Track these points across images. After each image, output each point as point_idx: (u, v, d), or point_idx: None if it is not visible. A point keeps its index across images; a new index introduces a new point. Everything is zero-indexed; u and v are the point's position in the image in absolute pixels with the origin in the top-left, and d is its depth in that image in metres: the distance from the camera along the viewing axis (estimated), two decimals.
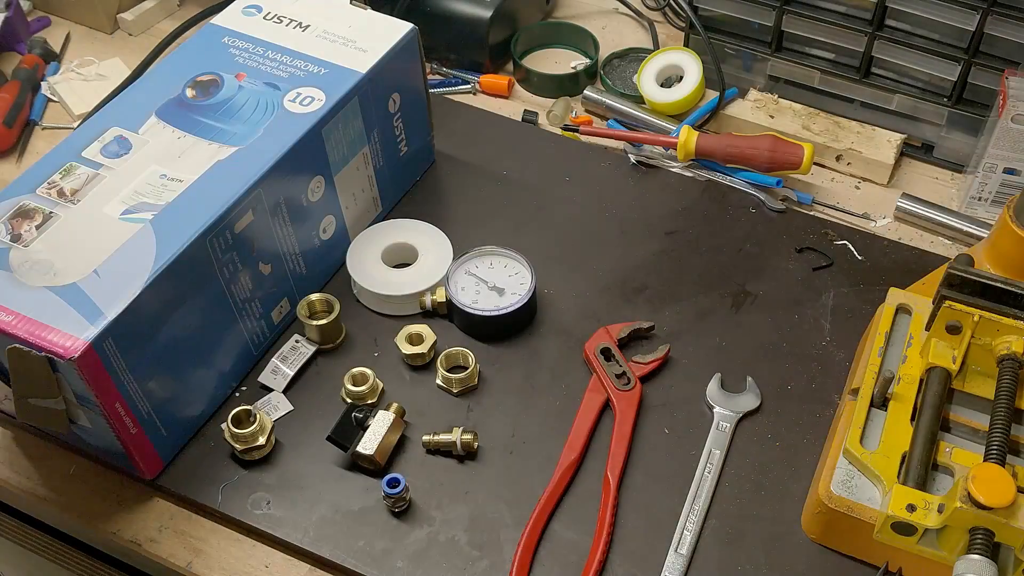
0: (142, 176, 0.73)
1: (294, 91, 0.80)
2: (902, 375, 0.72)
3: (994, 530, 0.59)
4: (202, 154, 0.75)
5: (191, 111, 0.78)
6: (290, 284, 0.81)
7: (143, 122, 0.78)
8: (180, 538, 0.72)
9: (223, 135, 0.76)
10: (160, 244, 0.69)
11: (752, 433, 0.77)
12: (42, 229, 0.70)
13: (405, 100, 0.88)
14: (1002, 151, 0.89)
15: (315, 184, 0.80)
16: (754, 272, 0.88)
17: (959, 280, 0.69)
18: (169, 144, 0.76)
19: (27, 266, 0.68)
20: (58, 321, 0.65)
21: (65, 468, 0.76)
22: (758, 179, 0.94)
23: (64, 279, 0.67)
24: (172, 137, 0.76)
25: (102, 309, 0.66)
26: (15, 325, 0.65)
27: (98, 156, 0.75)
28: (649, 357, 0.80)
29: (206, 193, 0.72)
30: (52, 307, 0.66)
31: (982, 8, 0.87)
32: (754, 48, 1.01)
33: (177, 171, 0.74)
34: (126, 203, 0.72)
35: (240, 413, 0.74)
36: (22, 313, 0.65)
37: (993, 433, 0.64)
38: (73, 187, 0.73)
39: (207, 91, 0.80)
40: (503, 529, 0.71)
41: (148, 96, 0.80)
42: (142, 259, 0.68)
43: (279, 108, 0.78)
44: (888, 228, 0.94)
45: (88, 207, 0.72)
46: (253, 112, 0.78)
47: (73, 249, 0.69)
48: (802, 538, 0.71)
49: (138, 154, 0.75)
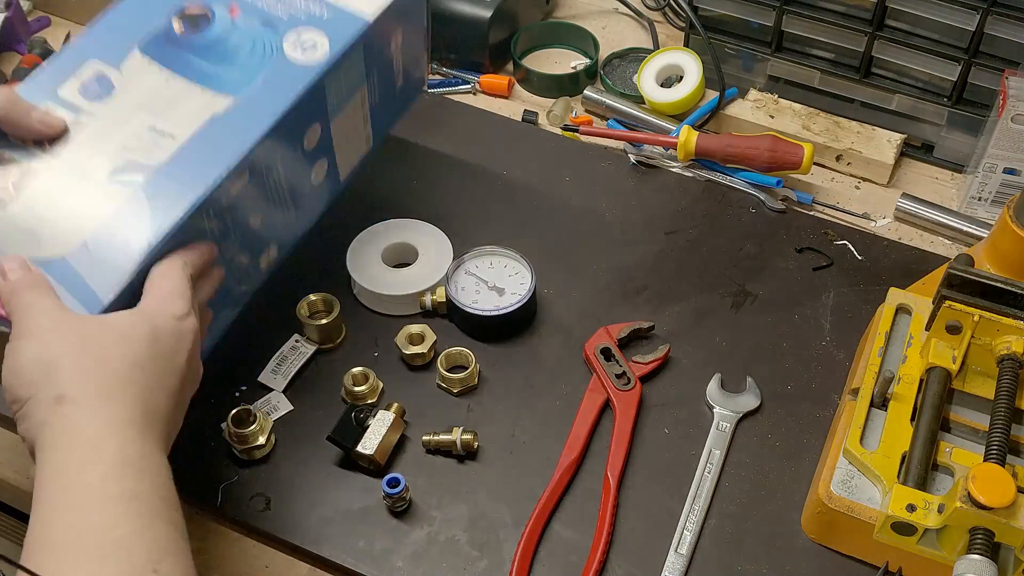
0: (129, 127, 0.65)
1: (294, 33, 0.71)
2: (902, 375, 0.72)
3: (994, 530, 0.59)
4: (195, 104, 0.67)
5: (180, 48, 0.70)
6: (278, 232, 0.75)
7: (125, 56, 0.68)
8: None
9: (217, 81, 0.68)
10: (154, 215, 0.62)
11: (752, 433, 0.77)
12: (19, 188, 0.62)
13: (407, 37, 0.81)
14: (1002, 151, 0.89)
15: (312, 133, 0.73)
16: (754, 272, 0.88)
17: (959, 280, 0.69)
18: (157, 87, 0.67)
19: (7, 233, 0.61)
20: None
21: None
22: (758, 179, 0.94)
23: (50, 251, 0.60)
24: (160, 79, 0.68)
25: (96, 291, 0.59)
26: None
27: (77, 97, 0.66)
28: (649, 357, 0.80)
29: (202, 156, 0.65)
30: None
31: (982, 8, 0.87)
32: (754, 48, 1.01)
33: (168, 124, 0.66)
34: (113, 161, 0.64)
35: (240, 413, 0.74)
36: None
37: (993, 433, 0.64)
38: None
39: (196, 26, 0.71)
40: (503, 529, 0.71)
41: (129, 25, 0.70)
42: (134, 232, 0.61)
43: (277, 52, 0.70)
44: (888, 228, 0.94)
45: (71, 161, 0.64)
46: (250, 55, 0.70)
47: (56, 213, 0.62)
48: (802, 538, 0.71)
49: (123, 98, 0.67)
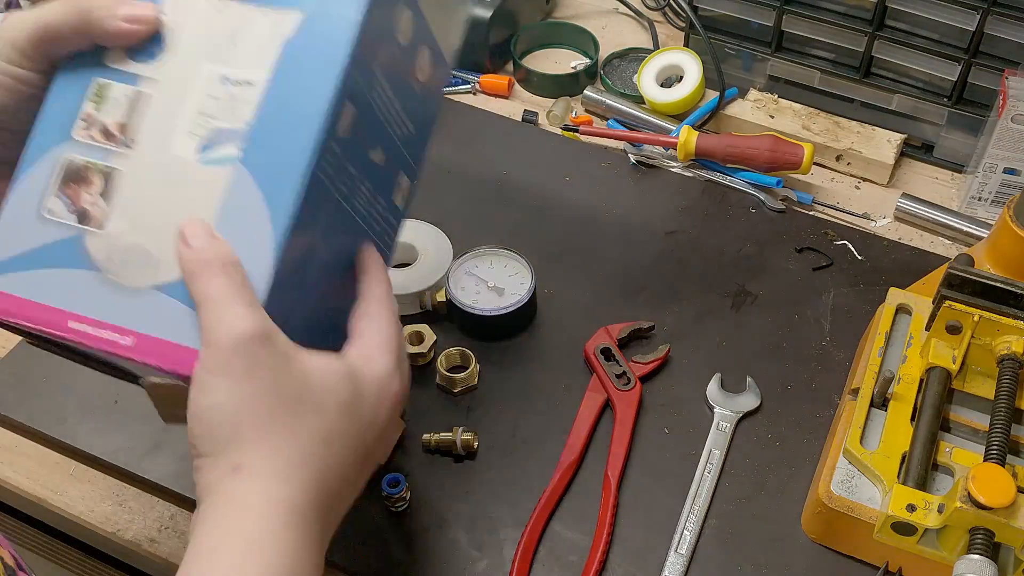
0: (199, 85, 0.53)
1: None
2: (902, 375, 0.72)
3: (994, 530, 0.59)
4: (259, 31, 0.53)
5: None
6: (403, 154, 0.62)
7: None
8: (180, 538, 0.72)
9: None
10: (267, 192, 0.50)
11: (752, 433, 0.77)
12: (109, 196, 0.52)
13: None
14: (1002, 151, 0.89)
15: (404, 22, 0.57)
16: (754, 272, 0.88)
17: (959, 280, 0.69)
18: (209, 22, 0.54)
19: (117, 258, 0.51)
20: (188, 336, 0.49)
21: (65, 468, 0.76)
22: (758, 179, 0.94)
23: (169, 270, 0.50)
24: (208, 9, 0.54)
25: None
26: (141, 349, 0.49)
27: (128, 63, 0.53)
28: (649, 357, 0.80)
29: (292, 97, 0.52)
30: (172, 316, 0.49)
31: (982, 8, 0.87)
32: (754, 48, 1.01)
33: (239, 68, 0.53)
34: (197, 135, 0.52)
35: None
36: (140, 331, 0.50)
37: (993, 433, 0.64)
38: (118, 120, 0.53)
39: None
40: (503, 529, 0.71)
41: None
42: (253, 222, 0.50)
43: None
44: (888, 228, 0.94)
45: (151, 150, 0.52)
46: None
47: (161, 222, 0.51)
48: (802, 538, 0.71)
49: (177, 48, 0.53)
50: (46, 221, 0.52)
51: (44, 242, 0.52)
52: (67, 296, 0.51)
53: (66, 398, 0.78)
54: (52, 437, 0.77)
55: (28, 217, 0.52)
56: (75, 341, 0.51)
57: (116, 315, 0.50)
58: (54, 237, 0.52)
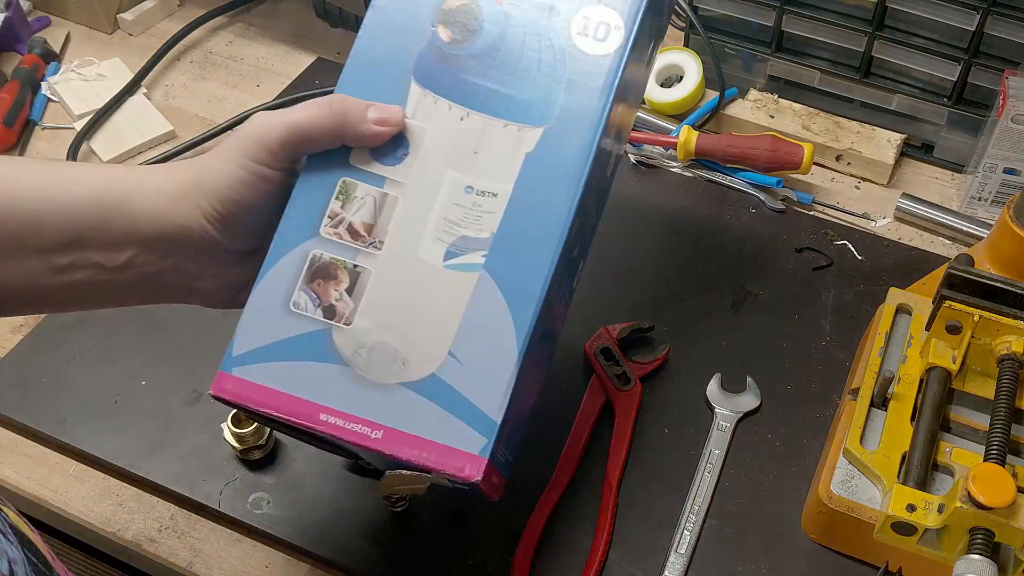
0: (443, 192, 0.55)
1: (579, 15, 0.57)
2: (902, 375, 0.72)
3: (994, 530, 0.59)
4: (501, 143, 0.55)
5: (458, 69, 0.56)
6: (589, 240, 0.64)
7: (403, 92, 0.56)
8: (180, 538, 0.72)
9: (515, 107, 0.56)
10: (510, 300, 0.54)
11: (752, 433, 0.77)
12: (356, 295, 0.54)
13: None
14: (1002, 151, 0.89)
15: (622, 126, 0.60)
16: (754, 272, 0.88)
17: (959, 280, 0.69)
18: (453, 131, 0.56)
19: (364, 354, 0.53)
20: (438, 432, 0.52)
21: (65, 468, 0.76)
22: (758, 179, 0.94)
23: (418, 369, 0.53)
24: (452, 118, 0.56)
25: (483, 409, 0.53)
26: (389, 444, 0.52)
27: (372, 164, 0.55)
28: (649, 357, 0.80)
29: (532, 210, 0.55)
30: (420, 412, 0.52)
31: (982, 8, 0.87)
32: (754, 48, 1.01)
33: (483, 178, 0.55)
34: (442, 240, 0.54)
35: (240, 413, 0.74)
36: (388, 425, 0.52)
37: (993, 433, 0.64)
38: (365, 220, 0.55)
39: (465, 27, 0.57)
40: (503, 529, 0.71)
41: (390, 38, 0.57)
42: (497, 327, 0.53)
43: (568, 47, 0.57)
44: (888, 228, 0.94)
45: (398, 252, 0.54)
46: (538, 60, 0.56)
47: (407, 322, 0.54)
48: (802, 538, 0.71)
49: (423, 154, 0.56)
50: (293, 314, 0.54)
51: (291, 334, 0.54)
52: (317, 389, 0.53)
53: (66, 398, 0.78)
54: (52, 437, 0.77)
55: (275, 309, 0.54)
56: (326, 433, 0.53)
57: (365, 409, 0.53)
58: (301, 330, 0.54)
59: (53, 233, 0.51)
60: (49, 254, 0.52)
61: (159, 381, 0.80)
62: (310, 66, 1.09)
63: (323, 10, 1.15)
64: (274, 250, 0.55)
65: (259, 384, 0.53)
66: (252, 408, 0.54)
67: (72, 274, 0.53)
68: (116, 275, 0.53)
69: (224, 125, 1.00)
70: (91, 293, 0.54)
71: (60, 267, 0.52)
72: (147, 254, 0.53)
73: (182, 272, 0.55)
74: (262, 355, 0.54)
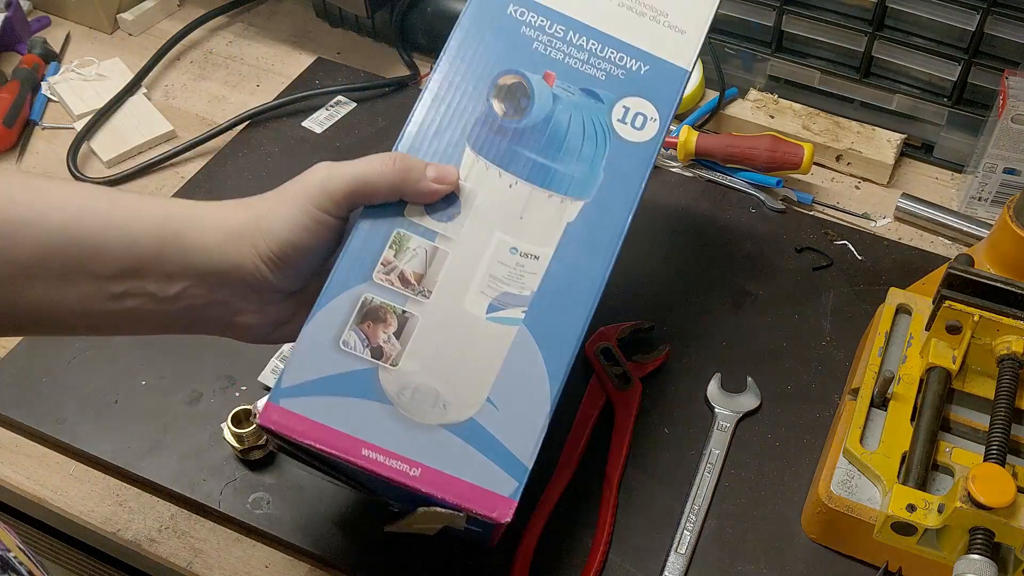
0: (490, 251, 0.59)
1: (620, 104, 0.63)
2: (902, 375, 0.72)
3: (994, 530, 0.59)
4: (545, 213, 0.61)
5: (510, 141, 0.61)
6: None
7: (458, 155, 0.61)
8: (180, 538, 0.72)
9: (559, 180, 0.61)
10: (546, 354, 0.58)
11: (752, 433, 0.77)
12: (403, 338, 0.57)
13: None
14: (1002, 151, 0.89)
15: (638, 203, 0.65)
16: (754, 272, 0.88)
17: (959, 280, 0.69)
18: (502, 196, 0.60)
19: (408, 395, 0.56)
20: (473, 473, 0.55)
21: (65, 468, 0.76)
22: (758, 179, 0.94)
23: (457, 413, 0.56)
24: (502, 185, 0.61)
25: (516, 454, 0.56)
26: (426, 482, 0.55)
27: (425, 219, 0.59)
28: (649, 357, 0.80)
29: (569, 273, 0.60)
30: (458, 454, 0.55)
31: (982, 8, 0.87)
32: (754, 48, 1.01)
33: (527, 242, 0.60)
34: (486, 294, 0.59)
35: (240, 413, 0.74)
36: (427, 464, 0.55)
37: (993, 433, 0.64)
38: (415, 270, 0.58)
39: (517, 103, 0.62)
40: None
41: (448, 106, 0.62)
42: (533, 378, 0.58)
43: (610, 132, 0.63)
44: (888, 228, 0.94)
45: (445, 302, 0.58)
46: (583, 140, 0.62)
47: (450, 367, 0.57)
48: (802, 538, 0.71)
49: (473, 214, 0.60)
50: (342, 352, 0.56)
51: (339, 371, 0.56)
52: (361, 425, 0.55)
53: (66, 398, 0.78)
54: (52, 437, 0.77)
55: (325, 346, 0.56)
56: (366, 469, 0.55)
57: (406, 447, 0.55)
58: (349, 368, 0.56)
59: (113, 261, 0.53)
60: (106, 281, 0.53)
61: (159, 381, 0.80)
62: (310, 66, 1.09)
63: (323, 10, 1.15)
64: (328, 290, 0.57)
65: (305, 416, 0.55)
66: (296, 439, 0.55)
67: (124, 301, 0.54)
68: (165, 305, 0.55)
69: (224, 125, 1.00)
70: (138, 321, 0.56)
71: (115, 294, 0.54)
72: (199, 287, 0.55)
73: (227, 307, 0.57)
74: (310, 389, 0.55)
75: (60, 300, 0.53)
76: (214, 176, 0.97)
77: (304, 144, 1.00)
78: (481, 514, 0.55)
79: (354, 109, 1.04)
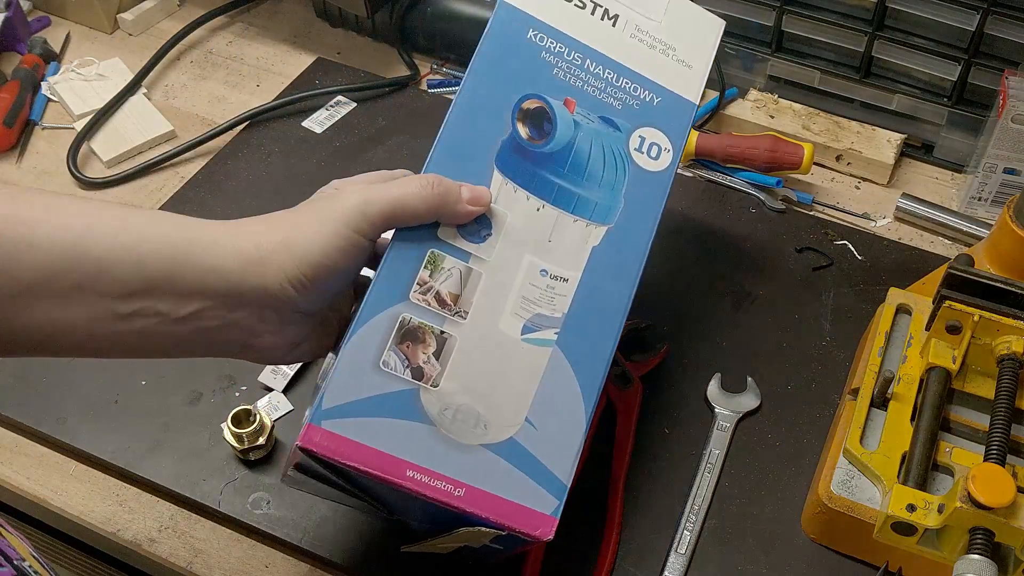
0: (521, 273, 0.60)
1: (636, 134, 0.65)
2: (902, 375, 0.72)
3: (994, 530, 0.59)
4: (572, 236, 0.62)
5: (534, 164, 0.62)
6: None
7: (487, 177, 0.61)
8: (180, 538, 0.72)
9: (584, 205, 0.62)
10: (579, 374, 0.59)
11: (752, 433, 0.77)
12: (442, 359, 0.57)
13: None
14: (1002, 151, 0.89)
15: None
16: (754, 272, 0.88)
17: (959, 280, 0.69)
18: (530, 220, 0.61)
19: (449, 415, 0.56)
20: (516, 492, 0.56)
21: (65, 468, 0.76)
22: (758, 179, 0.94)
23: (497, 432, 0.57)
24: (530, 208, 0.61)
25: (555, 473, 0.57)
26: (470, 502, 0.55)
27: (459, 239, 0.59)
28: (649, 357, 0.80)
29: (597, 295, 0.61)
30: (500, 473, 0.56)
31: (982, 8, 0.87)
32: (754, 48, 1.01)
33: (556, 264, 0.61)
34: (520, 316, 0.59)
35: (240, 413, 0.74)
36: (469, 483, 0.55)
37: (993, 433, 0.64)
38: (451, 291, 0.58)
39: (540, 127, 0.63)
40: None
41: (477, 125, 0.62)
42: (568, 398, 0.59)
43: (629, 162, 0.65)
44: (888, 228, 0.94)
45: (481, 323, 0.58)
46: (603, 168, 0.64)
47: (489, 387, 0.57)
48: (802, 538, 0.71)
49: (504, 236, 0.60)
50: (383, 373, 0.56)
51: (380, 392, 0.55)
52: (404, 446, 0.55)
53: (66, 398, 0.78)
54: (52, 437, 0.77)
55: (365, 367, 0.55)
56: (410, 489, 0.54)
57: (450, 468, 0.55)
58: (390, 388, 0.55)
59: (123, 282, 0.52)
60: (115, 300, 0.52)
61: (159, 381, 0.80)
62: (310, 66, 1.09)
63: (323, 10, 1.15)
64: (366, 310, 0.56)
65: (348, 438, 0.54)
66: (340, 461, 0.54)
67: (133, 322, 0.53)
68: (177, 326, 0.54)
69: (224, 125, 1.00)
70: (149, 343, 0.55)
71: (124, 314, 0.52)
72: (216, 309, 0.54)
73: (244, 328, 0.56)
74: (351, 410, 0.54)
75: (65, 321, 0.51)
76: (214, 176, 0.97)
77: (304, 144, 1.00)
78: (524, 532, 0.55)
79: (354, 109, 1.04)
